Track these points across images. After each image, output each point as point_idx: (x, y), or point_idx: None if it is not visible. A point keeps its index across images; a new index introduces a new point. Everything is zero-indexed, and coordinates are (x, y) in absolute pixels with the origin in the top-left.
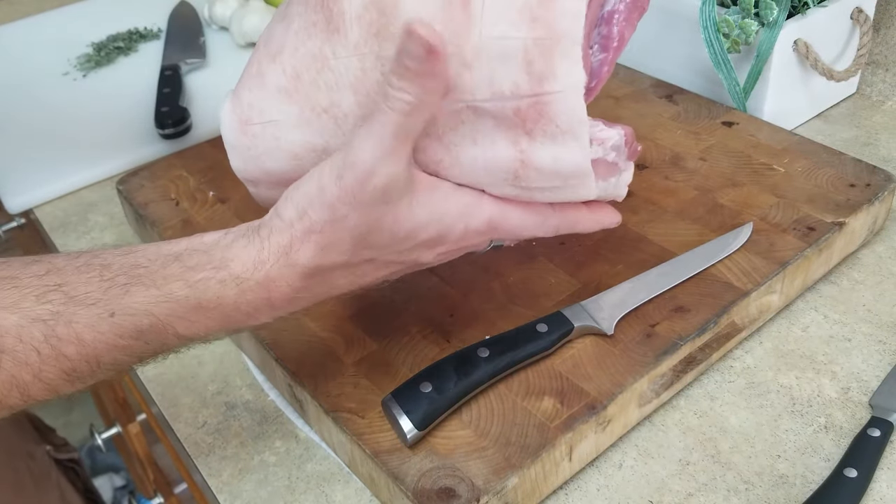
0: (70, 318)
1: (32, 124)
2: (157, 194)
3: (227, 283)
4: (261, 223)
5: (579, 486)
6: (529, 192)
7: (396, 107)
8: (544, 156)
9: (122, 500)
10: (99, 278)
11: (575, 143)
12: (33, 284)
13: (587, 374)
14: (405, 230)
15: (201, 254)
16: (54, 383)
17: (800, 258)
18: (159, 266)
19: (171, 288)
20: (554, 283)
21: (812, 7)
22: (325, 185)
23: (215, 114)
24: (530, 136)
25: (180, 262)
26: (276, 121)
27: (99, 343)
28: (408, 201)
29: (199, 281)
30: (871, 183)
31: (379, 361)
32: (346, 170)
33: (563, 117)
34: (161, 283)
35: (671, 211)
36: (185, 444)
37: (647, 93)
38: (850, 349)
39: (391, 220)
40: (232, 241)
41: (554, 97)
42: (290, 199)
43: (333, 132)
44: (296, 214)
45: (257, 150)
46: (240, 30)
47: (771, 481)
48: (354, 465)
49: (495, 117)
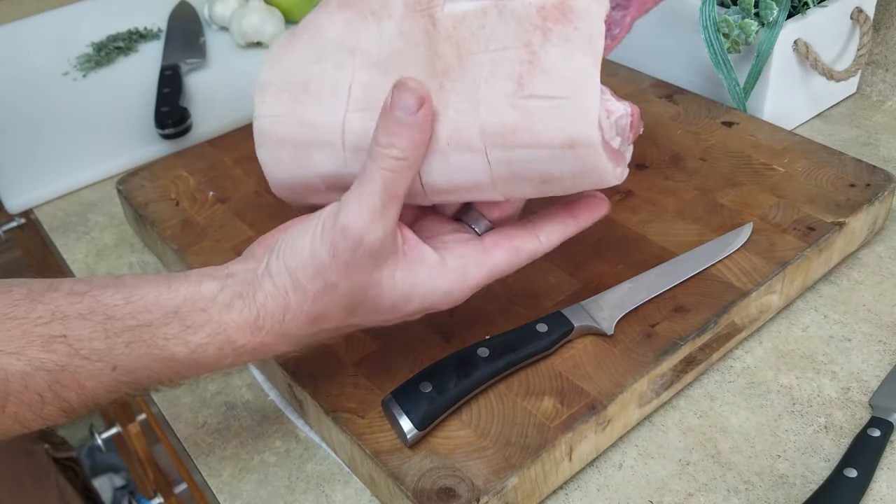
0: (74, 370)
1: (32, 124)
2: (157, 194)
3: (224, 349)
4: (255, 280)
5: (579, 486)
6: (529, 118)
7: (385, 164)
8: (555, 56)
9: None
10: (104, 334)
11: (589, 48)
12: (38, 332)
13: (587, 374)
14: (389, 302)
15: (200, 312)
16: (53, 419)
17: (800, 258)
18: (160, 324)
19: (172, 351)
20: (554, 283)
21: (812, 7)
22: (316, 251)
23: (215, 114)
24: (545, 36)
25: (180, 320)
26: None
27: (99, 390)
28: (390, 273)
29: (199, 346)
30: (871, 183)
31: (379, 361)
32: (338, 235)
33: (584, 22)
34: (162, 344)
35: (671, 211)
36: (185, 444)
37: (647, 93)
38: (850, 349)
39: (375, 293)
40: (229, 301)
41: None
42: (280, 258)
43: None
44: (290, 282)
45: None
46: (240, 30)
47: (771, 481)
48: (354, 465)
49: (518, 18)
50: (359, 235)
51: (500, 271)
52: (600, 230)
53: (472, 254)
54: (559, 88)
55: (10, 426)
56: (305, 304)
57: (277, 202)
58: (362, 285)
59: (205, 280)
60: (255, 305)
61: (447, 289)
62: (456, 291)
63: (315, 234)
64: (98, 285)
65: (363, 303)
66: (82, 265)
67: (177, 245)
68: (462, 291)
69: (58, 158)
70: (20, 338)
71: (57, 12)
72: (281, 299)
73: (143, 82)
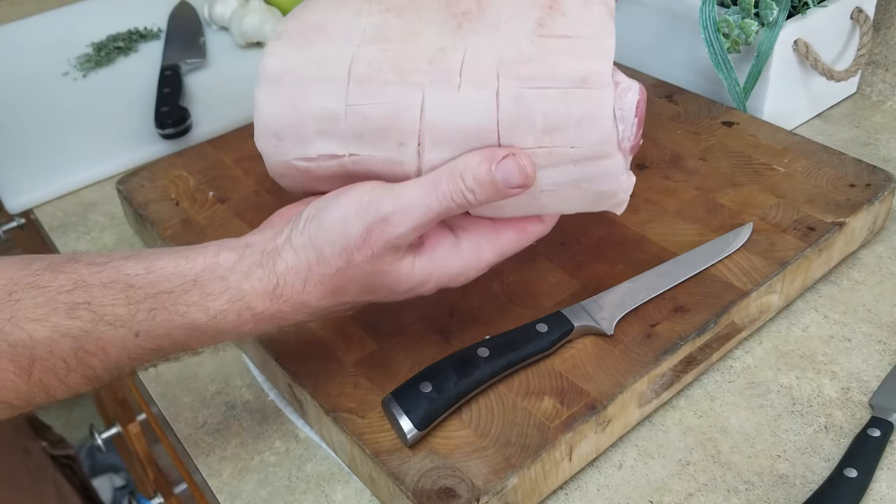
0: (98, 336)
1: (32, 124)
2: (157, 194)
3: (243, 315)
4: (275, 250)
5: (579, 486)
6: (546, 52)
7: (457, 197)
8: (574, 4)
9: (122, 500)
10: (125, 301)
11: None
12: (62, 300)
13: (587, 374)
14: (406, 287)
15: (219, 280)
16: (77, 386)
17: (800, 258)
18: (181, 291)
19: (193, 318)
20: (554, 283)
21: (812, 7)
22: (348, 229)
23: (215, 114)
24: None
25: (200, 288)
26: None
27: (122, 356)
28: (410, 261)
29: (220, 312)
30: (871, 183)
31: (379, 361)
32: (378, 223)
33: None
34: (183, 310)
35: (671, 211)
36: (185, 444)
37: (647, 93)
38: (850, 349)
39: (393, 277)
40: (248, 270)
41: None
42: (306, 232)
43: None
44: (314, 256)
45: None
46: (240, 30)
47: (771, 481)
48: (354, 465)
49: None
50: (396, 234)
51: (509, 251)
52: (600, 230)
53: (485, 233)
54: (579, 30)
55: (35, 394)
56: (326, 276)
57: (277, 202)
58: (383, 271)
59: (222, 251)
60: (274, 275)
61: (461, 269)
62: (470, 271)
63: (349, 210)
64: (118, 257)
65: (381, 285)
66: None
67: (177, 245)
68: (475, 270)
69: (58, 158)
70: (45, 305)
71: (57, 12)
72: (303, 272)
73: (143, 82)
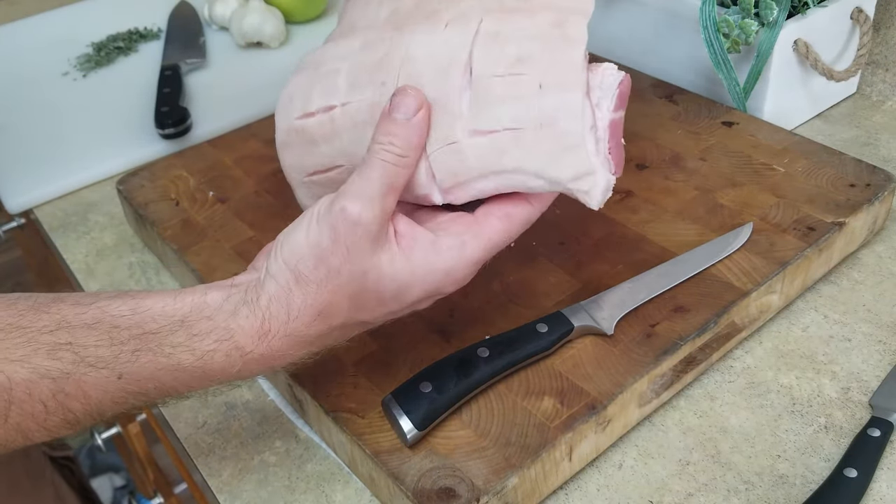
0: (79, 377)
1: (32, 124)
2: (157, 194)
3: (232, 356)
4: (258, 284)
5: (579, 486)
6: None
7: (384, 157)
8: None
9: (122, 500)
10: (109, 342)
11: None
12: (44, 340)
13: (587, 374)
14: (391, 291)
15: (206, 320)
16: (56, 430)
17: (800, 258)
18: (167, 332)
19: (179, 359)
20: (554, 283)
21: (812, 7)
22: (314, 239)
23: (215, 114)
24: None
25: (186, 329)
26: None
27: (104, 400)
28: (388, 259)
29: (206, 353)
30: (871, 183)
31: (379, 361)
32: (337, 217)
33: None
34: (169, 351)
35: (671, 211)
36: (185, 444)
37: (647, 93)
38: (850, 349)
39: (375, 277)
40: (235, 308)
41: None
42: (279, 258)
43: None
44: (292, 278)
45: None
46: (240, 30)
47: (771, 481)
48: (354, 465)
49: None
50: (357, 216)
51: (497, 241)
52: (600, 230)
53: (467, 227)
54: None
55: (12, 437)
56: (309, 296)
57: (277, 202)
58: (363, 269)
59: (210, 291)
60: (259, 309)
61: (447, 268)
62: (457, 270)
63: (310, 225)
64: (104, 297)
65: (365, 290)
66: (82, 265)
67: (177, 245)
68: (463, 269)
69: (58, 158)
70: (25, 345)
71: (57, 12)
72: (284, 298)
73: (143, 82)
